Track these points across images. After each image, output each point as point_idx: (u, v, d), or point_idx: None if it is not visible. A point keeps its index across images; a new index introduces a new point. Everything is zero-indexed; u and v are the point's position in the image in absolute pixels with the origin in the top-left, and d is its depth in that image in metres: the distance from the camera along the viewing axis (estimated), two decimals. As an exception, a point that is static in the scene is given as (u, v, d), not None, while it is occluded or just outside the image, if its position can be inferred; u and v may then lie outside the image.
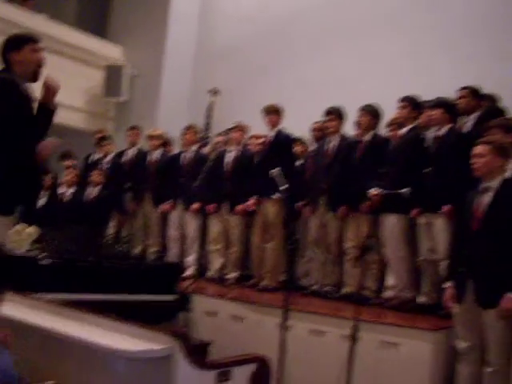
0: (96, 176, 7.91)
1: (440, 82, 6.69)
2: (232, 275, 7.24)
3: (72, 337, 3.25)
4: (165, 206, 7.94)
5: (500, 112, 5.72)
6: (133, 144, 8.70)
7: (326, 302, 6.16)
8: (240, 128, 7.40)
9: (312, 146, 7.19)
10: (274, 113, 6.82)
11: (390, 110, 6.25)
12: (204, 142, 8.46)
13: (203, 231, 7.61)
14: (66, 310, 3.80)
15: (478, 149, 4.47)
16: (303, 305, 5.76)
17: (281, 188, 4.54)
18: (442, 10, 7.99)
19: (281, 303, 4.91)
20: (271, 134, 6.88)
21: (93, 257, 5.62)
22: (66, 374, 3.48)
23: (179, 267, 6.95)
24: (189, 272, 7.52)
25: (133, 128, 8.80)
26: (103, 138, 8.68)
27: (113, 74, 10.52)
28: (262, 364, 3.26)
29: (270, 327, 5.49)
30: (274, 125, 6.85)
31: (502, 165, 4.44)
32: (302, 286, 6.89)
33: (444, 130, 5.55)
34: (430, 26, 8.00)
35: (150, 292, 5.80)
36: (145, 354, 3.04)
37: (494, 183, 4.39)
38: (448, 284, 4.60)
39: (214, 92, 9.48)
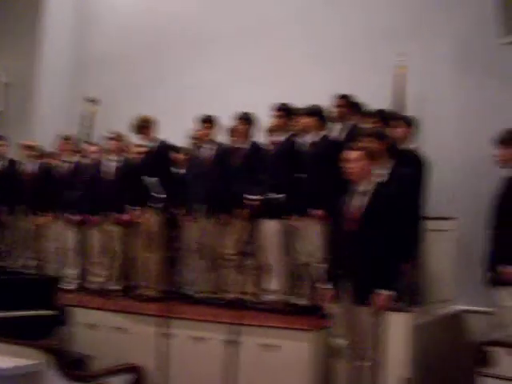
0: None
1: (314, 89, 6.89)
2: (115, 287, 7.13)
3: None
4: (42, 219, 7.71)
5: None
6: (1, 156, 8.40)
7: (208, 308, 6.19)
8: (117, 137, 7.31)
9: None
10: (142, 128, 6.80)
11: (265, 117, 6.36)
12: (82, 151, 8.26)
13: (83, 243, 7.46)
14: None
15: (351, 154, 4.66)
16: (186, 313, 5.76)
17: (157, 197, 4.51)
18: (319, 20, 8.21)
19: (163, 312, 4.91)
20: (152, 144, 6.84)
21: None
22: None
23: (58, 281, 6.75)
24: (69, 285, 7.34)
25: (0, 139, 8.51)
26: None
27: (-17, 83, 10.09)
28: (137, 373, 3.24)
29: (152, 337, 5.45)
30: (147, 138, 6.83)
31: (371, 168, 4.66)
32: (185, 294, 6.89)
33: (318, 136, 5.73)
34: (305, 35, 8.20)
35: (27, 307, 5.60)
36: (14, 371, 2.94)
37: (367, 187, 4.60)
38: (326, 285, 4.76)
39: (92, 101, 9.30)
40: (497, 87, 6.50)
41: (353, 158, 4.64)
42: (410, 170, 5.26)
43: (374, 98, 6.52)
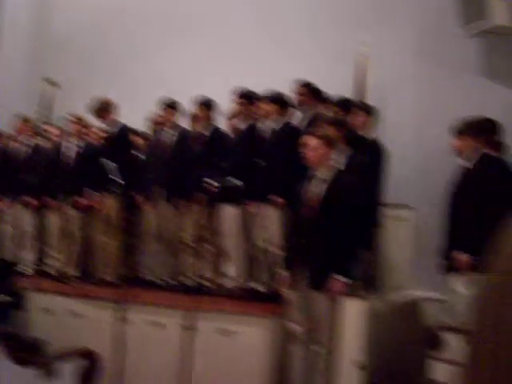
0: None
1: (272, 76, 6.87)
2: (73, 271, 7.07)
3: None
4: (-1, 202, 7.60)
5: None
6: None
7: (166, 293, 6.18)
8: (78, 121, 7.22)
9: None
10: (102, 111, 6.73)
11: (227, 102, 6.35)
12: (41, 133, 8.13)
13: (41, 227, 7.37)
14: None
15: (309, 140, 4.69)
16: (143, 298, 5.75)
17: (116, 181, 4.47)
18: (285, 6, 8.17)
19: (121, 297, 4.89)
20: (112, 128, 6.77)
21: None
22: None
23: (13, 265, 6.67)
24: (26, 269, 7.25)
25: None
26: None
27: None
28: (91, 358, 3.22)
29: (109, 322, 5.42)
30: (107, 121, 6.80)
31: (328, 155, 4.70)
32: (143, 279, 6.86)
33: (279, 123, 5.74)
34: (271, 21, 8.17)
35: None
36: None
37: (326, 174, 4.63)
38: (284, 271, 4.80)
39: (51, 82, 9.15)
40: (457, 78, 6.57)
41: (312, 145, 4.67)
42: (368, 158, 5.32)
43: (340, 87, 6.56)
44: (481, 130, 4.97)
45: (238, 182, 4.70)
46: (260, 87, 6.18)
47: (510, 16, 5.66)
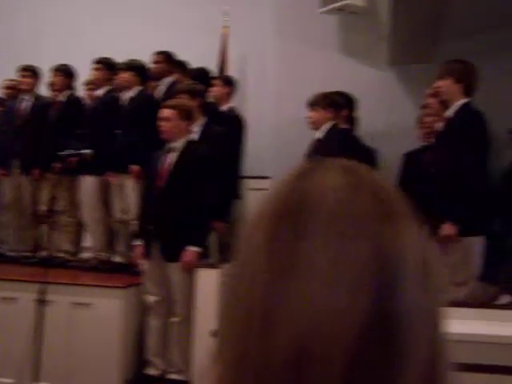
0: None
1: (136, 45, 6.75)
2: None
3: None
4: None
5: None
6: None
7: (21, 267, 5.97)
8: None
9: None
10: None
11: (86, 70, 6.18)
12: None
13: None
14: None
15: (165, 112, 4.67)
16: (-3, 272, 5.54)
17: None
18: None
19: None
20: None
21: None
22: None
23: None
24: None
25: None
26: None
27: None
28: None
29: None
30: None
31: (186, 127, 4.70)
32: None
33: (134, 92, 5.67)
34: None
35: None
36: None
37: (179, 144, 4.64)
38: (137, 242, 4.78)
39: None
40: (316, 53, 6.73)
41: (166, 115, 4.65)
42: (223, 128, 5.35)
43: (206, 58, 6.56)
44: (331, 102, 5.15)
45: (91, 152, 4.61)
46: (118, 56, 6.07)
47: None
